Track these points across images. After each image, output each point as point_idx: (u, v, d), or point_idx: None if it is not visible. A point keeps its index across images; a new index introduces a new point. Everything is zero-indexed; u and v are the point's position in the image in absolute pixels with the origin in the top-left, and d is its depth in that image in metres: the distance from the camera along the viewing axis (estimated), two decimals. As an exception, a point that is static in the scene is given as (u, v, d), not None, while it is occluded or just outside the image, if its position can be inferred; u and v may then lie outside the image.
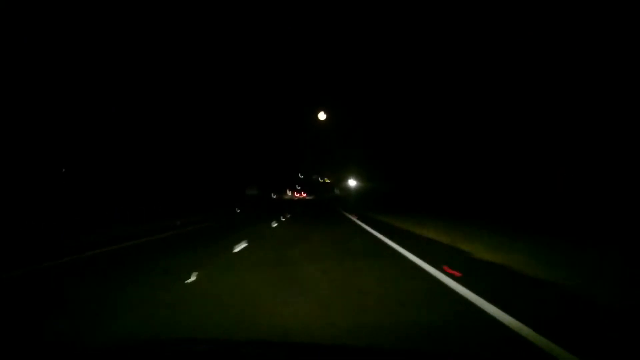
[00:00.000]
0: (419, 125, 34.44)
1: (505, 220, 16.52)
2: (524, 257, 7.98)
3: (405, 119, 37.16)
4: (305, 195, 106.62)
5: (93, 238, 12.91)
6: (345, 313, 4.57)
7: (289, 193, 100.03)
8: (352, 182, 61.29)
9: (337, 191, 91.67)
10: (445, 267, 6.97)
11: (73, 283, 6.55)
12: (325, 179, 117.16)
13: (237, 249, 10.09)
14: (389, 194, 40.50)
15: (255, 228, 16.84)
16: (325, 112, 38.37)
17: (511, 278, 6.36)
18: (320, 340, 3.58)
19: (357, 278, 6.55)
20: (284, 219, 22.66)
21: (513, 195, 20.59)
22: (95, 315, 4.64)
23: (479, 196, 24.16)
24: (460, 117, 27.50)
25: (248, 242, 11.12)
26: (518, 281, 6.13)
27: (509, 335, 3.79)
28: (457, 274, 6.45)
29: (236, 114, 57.22)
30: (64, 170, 23.51)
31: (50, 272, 7.51)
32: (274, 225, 18.55)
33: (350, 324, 4.16)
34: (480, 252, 8.87)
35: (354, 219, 22.21)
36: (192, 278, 6.49)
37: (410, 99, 35.46)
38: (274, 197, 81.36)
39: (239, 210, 32.05)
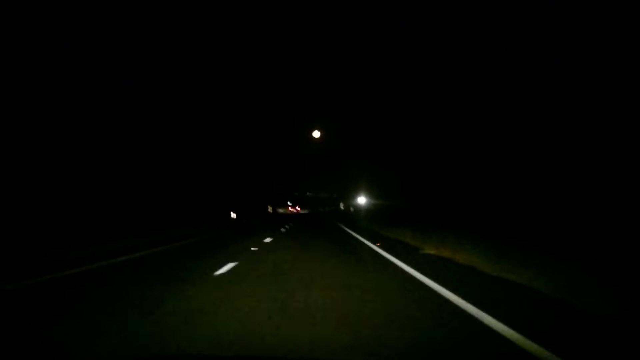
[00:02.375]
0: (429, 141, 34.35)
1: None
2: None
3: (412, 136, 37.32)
4: (299, 209, 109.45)
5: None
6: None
7: (271, 209, 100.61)
8: (361, 200, 59.64)
9: (342, 206, 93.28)
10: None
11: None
12: (323, 193, 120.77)
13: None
14: (401, 210, 39.06)
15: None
16: (319, 130, 38.99)
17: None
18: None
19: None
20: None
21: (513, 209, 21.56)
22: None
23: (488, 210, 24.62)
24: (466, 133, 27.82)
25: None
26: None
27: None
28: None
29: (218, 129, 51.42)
30: None
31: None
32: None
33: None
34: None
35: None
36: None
37: (415, 114, 35.68)
38: (234, 216, 53.88)
39: None
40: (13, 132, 20.01)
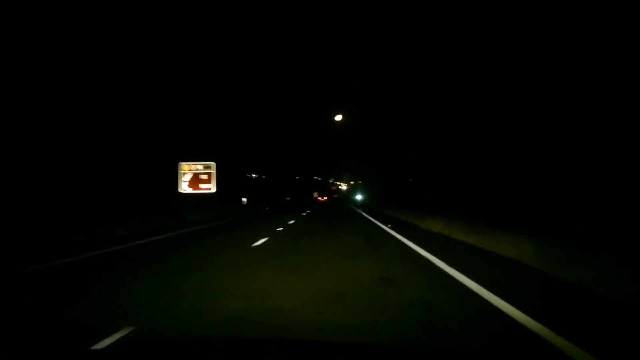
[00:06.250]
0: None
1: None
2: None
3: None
4: (327, 198, 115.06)
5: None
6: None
7: (316, 195, 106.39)
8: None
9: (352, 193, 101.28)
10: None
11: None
12: (338, 183, 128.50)
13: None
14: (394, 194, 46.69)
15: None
16: (342, 114, 39.44)
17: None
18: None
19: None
20: None
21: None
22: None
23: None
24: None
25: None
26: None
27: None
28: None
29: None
30: None
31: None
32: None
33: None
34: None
35: None
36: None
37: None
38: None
39: None
40: (14, 129, 20.47)
